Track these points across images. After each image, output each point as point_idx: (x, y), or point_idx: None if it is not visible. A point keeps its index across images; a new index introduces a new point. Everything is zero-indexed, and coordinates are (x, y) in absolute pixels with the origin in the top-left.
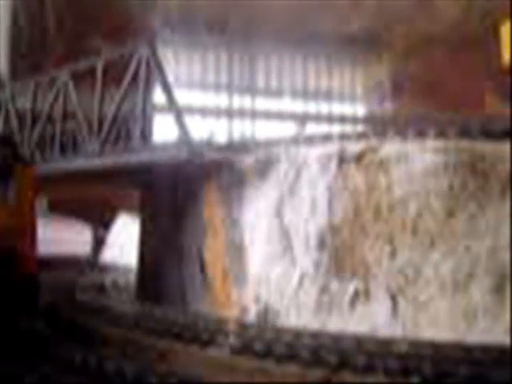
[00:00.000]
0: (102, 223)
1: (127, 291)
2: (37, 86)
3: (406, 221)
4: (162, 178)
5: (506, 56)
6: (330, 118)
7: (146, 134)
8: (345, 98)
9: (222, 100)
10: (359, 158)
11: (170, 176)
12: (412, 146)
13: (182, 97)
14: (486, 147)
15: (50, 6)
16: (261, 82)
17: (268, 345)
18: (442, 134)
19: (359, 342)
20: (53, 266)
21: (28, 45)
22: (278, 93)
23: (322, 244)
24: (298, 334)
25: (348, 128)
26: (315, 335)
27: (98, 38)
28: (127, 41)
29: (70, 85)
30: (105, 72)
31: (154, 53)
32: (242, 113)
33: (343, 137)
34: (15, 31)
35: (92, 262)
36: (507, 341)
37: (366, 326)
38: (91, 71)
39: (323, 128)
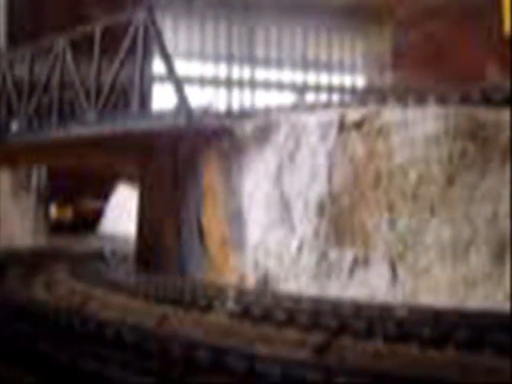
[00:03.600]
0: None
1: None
2: (34, 54)
3: (406, 188)
4: (162, 146)
5: (507, 26)
6: (329, 89)
7: (144, 102)
8: (345, 68)
9: (221, 70)
10: (359, 124)
11: (169, 144)
12: (412, 113)
13: (181, 67)
14: (487, 114)
15: None
16: (260, 52)
17: (267, 310)
18: (442, 101)
19: (358, 307)
20: None
21: (26, 13)
22: (278, 63)
23: (321, 211)
24: (296, 299)
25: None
26: (314, 300)
27: (96, 5)
28: (126, 8)
29: (68, 53)
30: (103, 39)
31: (152, 19)
32: (241, 83)
33: (343, 104)
34: (13, 1)
35: None
36: (507, 307)
37: (365, 293)
38: (89, 39)
39: (323, 98)
